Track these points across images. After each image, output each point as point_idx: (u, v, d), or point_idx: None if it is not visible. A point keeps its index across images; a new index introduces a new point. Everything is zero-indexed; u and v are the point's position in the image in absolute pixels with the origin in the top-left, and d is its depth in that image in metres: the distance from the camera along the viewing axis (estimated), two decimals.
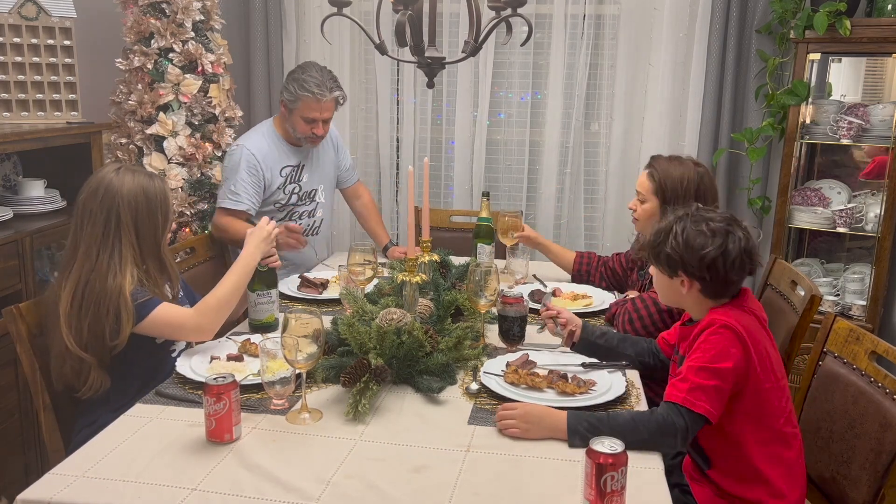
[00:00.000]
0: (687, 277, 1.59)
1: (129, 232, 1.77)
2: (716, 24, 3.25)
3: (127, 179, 1.79)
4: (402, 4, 1.77)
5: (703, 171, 2.14)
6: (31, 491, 1.27)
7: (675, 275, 1.61)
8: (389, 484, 1.31)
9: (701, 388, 1.48)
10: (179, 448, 1.41)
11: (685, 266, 1.58)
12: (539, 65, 3.53)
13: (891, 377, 1.61)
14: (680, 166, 2.13)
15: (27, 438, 2.43)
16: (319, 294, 2.35)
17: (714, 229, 1.56)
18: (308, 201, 2.81)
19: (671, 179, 2.10)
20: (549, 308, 1.91)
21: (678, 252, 1.57)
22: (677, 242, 1.57)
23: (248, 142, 2.63)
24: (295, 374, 1.57)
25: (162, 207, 1.84)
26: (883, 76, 3.28)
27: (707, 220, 1.58)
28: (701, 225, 1.57)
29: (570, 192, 3.58)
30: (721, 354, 1.50)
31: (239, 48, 3.59)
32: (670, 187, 2.10)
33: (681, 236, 1.57)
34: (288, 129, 2.68)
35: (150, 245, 1.82)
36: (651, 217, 2.16)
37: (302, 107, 2.57)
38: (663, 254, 1.60)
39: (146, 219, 1.80)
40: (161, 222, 1.84)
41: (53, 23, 2.71)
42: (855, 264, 3.23)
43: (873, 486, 1.58)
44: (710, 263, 1.54)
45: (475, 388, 1.67)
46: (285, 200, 2.73)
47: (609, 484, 1.20)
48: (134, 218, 1.78)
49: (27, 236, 2.42)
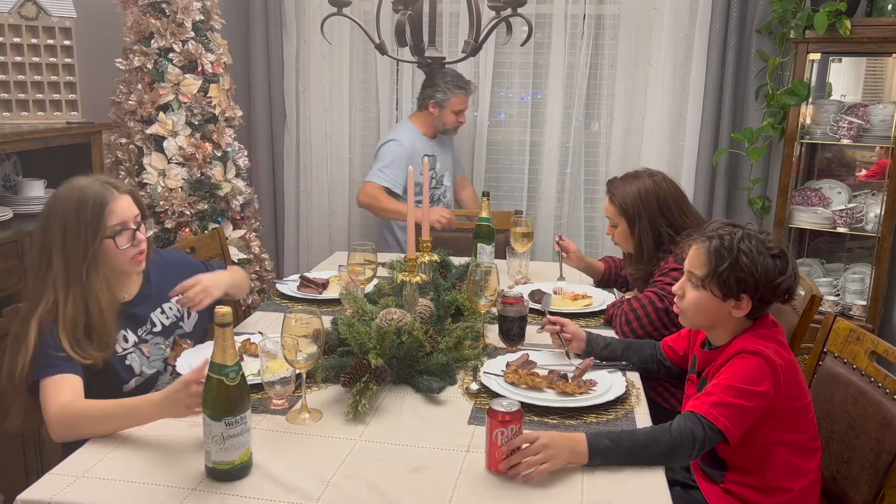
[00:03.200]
0: (749, 299, 1.54)
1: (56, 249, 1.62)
2: (716, 24, 3.25)
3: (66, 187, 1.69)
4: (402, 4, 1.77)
5: (660, 177, 2.18)
6: (31, 491, 1.27)
7: (735, 297, 1.54)
8: (389, 484, 1.31)
9: (725, 405, 1.46)
10: (179, 448, 1.41)
11: (756, 290, 1.53)
12: (539, 65, 3.53)
13: (891, 377, 1.61)
14: (635, 181, 2.18)
15: (27, 438, 2.43)
16: (319, 294, 2.35)
17: (780, 252, 1.54)
18: (439, 185, 3.37)
19: (629, 197, 2.16)
20: (555, 322, 1.90)
21: (754, 277, 1.51)
22: (753, 266, 1.51)
23: (399, 136, 3.26)
24: (295, 374, 1.57)
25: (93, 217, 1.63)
26: (883, 76, 3.28)
27: (767, 240, 1.55)
28: (765, 246, 1.53)
29: (571, 192, 3.58)
30: (751, 378, 1.48)
31: (239, 48, 3.59)
32: (630, 204, 2.15)
33: (756, 259, 1.51)
34: (436, 124, 3.29)
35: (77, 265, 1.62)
36: (628, 238, 2.20)
37: (454, 101, 3.23)
38: (732, 277, 1.52)
39: (75, 232, 1.63)
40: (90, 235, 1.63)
41: (53, 23, 2.71)
42: (855, 264, 3.23)
43: (873, 486, 1.58)
44: (784, 290, 1.53)
45: (475, 388, 1.67)
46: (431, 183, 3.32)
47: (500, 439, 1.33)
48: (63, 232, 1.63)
49: (27, 236, 2.41)
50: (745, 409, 1.46)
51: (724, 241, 1.54)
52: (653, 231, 2.13)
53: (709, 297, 1.56)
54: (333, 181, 3.78)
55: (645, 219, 2.14)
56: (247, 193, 3.17)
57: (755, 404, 1.47)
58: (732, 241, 1.53)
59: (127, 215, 1.71)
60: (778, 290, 1.53)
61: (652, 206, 2.13)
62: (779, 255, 1.53)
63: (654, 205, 2.13)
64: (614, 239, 2.26)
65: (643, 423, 1.55)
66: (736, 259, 1.52)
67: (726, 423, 1.44)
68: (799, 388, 1.55)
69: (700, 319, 1.63)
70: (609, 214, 2.23)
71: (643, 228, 2.14)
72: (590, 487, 1.31)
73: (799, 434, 1.56)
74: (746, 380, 1.47)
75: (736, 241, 1.53)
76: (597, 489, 1.31)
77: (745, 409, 1.46)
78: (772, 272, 1.51)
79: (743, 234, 1.55)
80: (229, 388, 1.27)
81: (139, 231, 1.74)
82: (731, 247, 1.53)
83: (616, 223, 2.21)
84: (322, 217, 3.83)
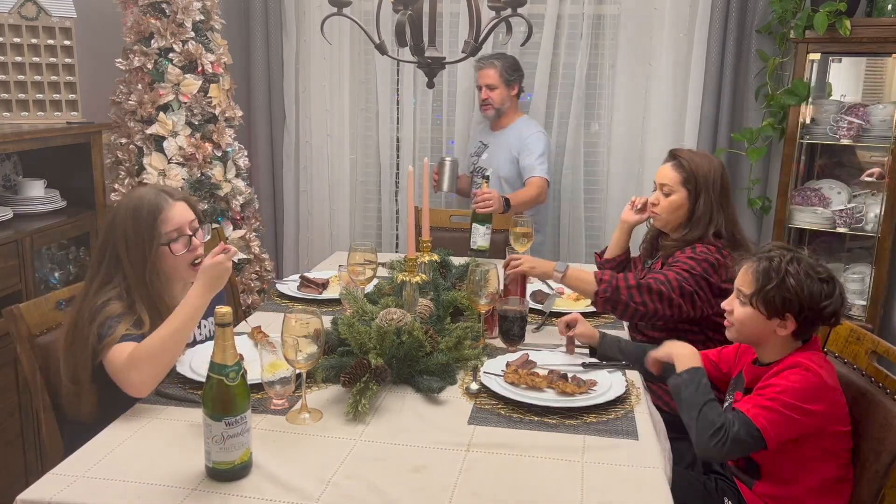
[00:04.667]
0: (794, 321, 1.58)
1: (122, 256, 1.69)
2: (716, 24, 3.25)
3: (126, 197, 1.75)
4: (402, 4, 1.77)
5: (721, 162, 2.16)
6: (31, 491, 1.27)
7: (780, 317, 1.58)
8: (389, 484, 1.31)
9: (771, 410, 1.51)
10: (179, 448, 1.41)
11: (801, 311, 1.56)
12: (539, 64, 3.52)
13: (891, 377, 1.61)
14: (705, 158, 2.14)
15: (27, 438, 2.43)
16: (319, 294, 2.35)
17: (829, 277, 1.58)
18: (479, 176, 3.30)
19: (700, 169, 2.09)
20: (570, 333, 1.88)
21: (799, 298, 1.55)
22: (799, 288, 1.55)
23: None
24: (295, 374, 1.57)
25: (147, 225, 1.71)
26: (883, 76, 3.28)
27: (816, 264, 1.59)
28: (814, 270, 1.57)
29: (571, 193, 3.58)
30: (805, 395, 1.52)
31: (239, 48, 3.59)
32: (701, 177, 2.08)
33: (802, 282, 1.55)
34: None
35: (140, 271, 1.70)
36: (677, 210, 2.12)
37: (476, 78, 3.28)
38: (778, 297, 1.56)
39: (134, 240, 1.70)
40: (147, 243, 1.71)
41: (53, 23, 2.71)
42: (855, 264, 3.23)
43: (873, 486, 1.58)
44: (830, 313, 1.56)
45: (475, 388, 1.67)
46: (469, 169, 3.43)
47: None
48: (125, 241, 1.70)
49: (27, 236, 2.42)
50: (791, 420, 1.51)
51: (773, 262, 1.59)
52: (710, 212, 2.08)
53: (755, 314, 1.60)
54: (333, 181, 3.78)
55: (712, 193, 2.08)
56: (247, 193, 3.17)
57: (804, 420, 1.51)
58: (781, 262, 1.58)
59: (181, 221, 1.76)
60: (823, 314, 1.57)
61: (717, 185, 2.09)
62: (826, 280, 1.57)
63: (719, 184, 2.09)
64: (658, 209, 2.16)
65: (643, 423, 1.55)
66: (782, 280, 1.56)
67: (765, 424, 1.49)
68: (844, 414, 1.59)
69: (746, 334, 1.66)
70: (668, 181, 2.13)
71: (707, 203, 2.08)
72: (590, 487, 1.31)
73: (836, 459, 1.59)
74: (799, 396, 1.51)
75: (784, 262, 1.58)
76: (597, 489, 1.31)
77: (792, 420, 1.51)
78: (817, 296, 1.55)
79: (792, 257, 1.59)
80: (229, 388, 1.27)
81: (195, 237, 1.79)
82: (778, 268, 1.57)
83: (672, 191, 2.12)
84: (322, 217, 3.83)
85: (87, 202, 2.83)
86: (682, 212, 2.13)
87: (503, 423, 1.54)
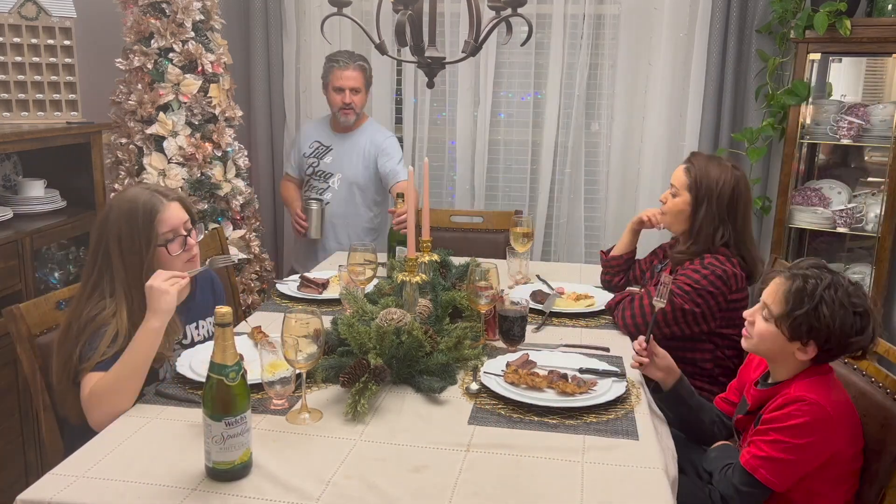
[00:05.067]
0: (816, 348, 1.51)
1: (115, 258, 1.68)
2: (716, 24, 3.25)
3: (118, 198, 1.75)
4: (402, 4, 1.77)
5: (741, 175, 2.12)
6: (31, 491, 1.27)
7: (802, 342, 1.51)
8: (389, 484, 1.31)
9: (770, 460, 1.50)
10: (179, 448, 1.41)
11: (827, 341, 1.49)
12: (539, 65, 3.53)
13: (891, 377, 1.61)
14: (718, 167, 2.11)
15: (27, 438, 2.43)
16: (319, 294, 2.35)
17: (865, 312, 1.48)
18: (322, 181, 3.17)
19: (708, 178, 2.08)
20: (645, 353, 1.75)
21: (829, 329, 1.47)
22: (832, 318, 1.47)
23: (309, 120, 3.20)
24: (295, 374, 1.57)
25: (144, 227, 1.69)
26: (883, 76, 3.28)
27: (855, 296, 1.49)
28: (850, 302, 1.48)
29: (571, 193, 3.58)
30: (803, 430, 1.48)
31: (239, 48, 3.59)
32: (705, 185, 2.08)
33: (836, 313, 1.46)
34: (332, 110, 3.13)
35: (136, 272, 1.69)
36: (679, 214, 2.13)
37: (332, 78, 3.04)
38: (806, 323, 1.48)
39: (129, 242, 1.69)
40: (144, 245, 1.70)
41: (53, 23, 2.71)
42: (855, 264, 3.23)
43: (874, 486, 1.58)
44: (857, 348, 1.50)
45: (475, 388, 1.67)
46: (307, 170, 3.20)
47: None
48: (118, 242, 1.69)
49: (27, 236, 2.42)
50: (795, 464, 1.49)
51: (809, 284, 1.49)
52: (713, 223, 2.07)
53: (777, 333, 1.54)
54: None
55: (714, 206, 2.06)
56: (247, 193, 3.17)
57: (808, 457, 1.49)
58: (817, 287, 1.49)
59: (177, 222, 1.76)
60: (850, 347, 1.50)
61: (724, 198, 2.05)
62: (861, 314, 1.48)
63: (725, 198, 2.06)
64: (664, 207, 2.17)
65: (643, 423, 1.55)
66: (815, 307, 1.48)
67: (767, 476, 1.50)
68: (852, 437, 1.55)
69: (762, 350, 1.62)
70: (677, 183, 2.14)
71: (708, 215, 2.06)
72: (590, 487, 1.31)
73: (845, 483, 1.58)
74: (800, 433, 1.48)
75: (821, 288, 1.48)
76: (597, 489, 1.31)
77: (796, 463, 1.49)
78: (848, 329, 1.48)
79: (831, 282, 1.49)
80: (229, 388, 1.27)
81: (190, 237, 1.79)
82: (813, 293, 1.48)
83: (678, 193, 2.12)
84: None
85: (87, 202, 2.83)
86: (684, 216, 2.13)
87: (503, 423, 1.54)
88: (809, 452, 1.49)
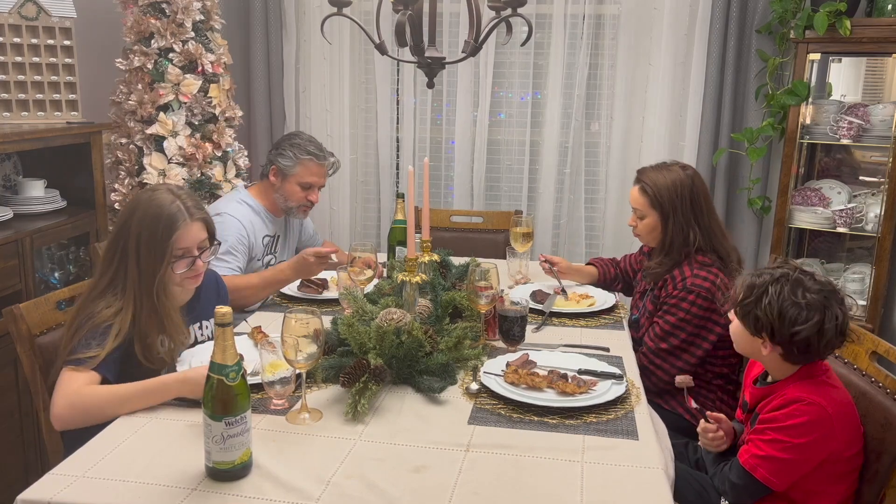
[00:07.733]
0: (770, 343, 1.54)
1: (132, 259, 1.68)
2: (716, 24, 3.25)
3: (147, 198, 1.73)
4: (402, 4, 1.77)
5: (692, 172, 2.13)
6: (31, 491, 1.27)
7: (758, 336, 1.56)
8: (389, 484, 1.31)
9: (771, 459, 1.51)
10: (179, 448, 1.41)
11: (773, 334, 1.52)
12: (539, 65, 3.52)
13: (891, 377, 1.61)
14: (668, 173, 2.11)
15: (27, 438, 2.43)
16: (319, 294, 2.35)
17: (811, 303, 1.48)
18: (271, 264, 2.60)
19: (665, 190, 2.08)
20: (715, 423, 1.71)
21: (769, 319, 1.51)
22: (770, 308, 1.50)
23: (234, 211, 2.45)
24: (295, 374, 1.57)
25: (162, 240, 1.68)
26: (883, 76, 3.28)
27: (805, 288, 1.50)
28: (797, 293, 1.49)
29: (570, 192, 3.58)
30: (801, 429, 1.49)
31: (239, 48, 3.59)
32: (666, 198, 2.08)
33: (776, 303, 1.50)
34: (277, 199, 2.55)
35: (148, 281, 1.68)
36: (653, 231, 2.14)
37: (301, 171, 2.49)
38: (752, 314, 1.54)
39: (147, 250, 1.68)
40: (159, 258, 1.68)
41: (53, 23, 2.71)
42: (855, 264, 3.23)
43: (874, 486, 1.58)
44: (801, 340, 1.49)
45: (475, 388, 1.67)
46: (263, 265, 2.56)
47: None
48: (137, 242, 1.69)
49: (27, 236, 2.42)
50: (793, 464, 1.50)
51: (761, 278, 1.55)
52: (683, 231, 2.07)
53: (741, 328, 1.59)
54: (333, 181, 3.77)
55: (680, 214, 2.07)
56: None
57: (807, 456, 1.50)
58: (767, 280, 1.53)
59: (191, 243, 1.75)
60: (794, 339, 1.50)
61: (686, 202, 2.06)
62: (806, 307, 1.48)
63: (687, 201, 2.06)
64: (637, 231, 2.19)
65: (643, 423, 1.55)
66: (758, 298, 1.52)
67: (766, 475, 1.50)
68: (852, 438, 1.56)
69: (741, 347, 1.65)
70: (637, 205, 2.15)
71: (677, 224, 2.07)
72: (590, 487, 1.31)
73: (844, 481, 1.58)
74: (798, 433, 1.49)
75: (769, 281, 1.53)
76: (597, 489, 1.31)
77: (795, 463, 1.50)
78: (790, 320, 1.49)
79: (781, 276, 1.53)
80: (229, 388, 1.27)
81: (200, 258, 1.77)
82: (761, 285, 1.53)
83: (644, 215, 2.13)
84: (322, 217, 3.83)
85: (87, 202, 2.83)
86: (657, 232, 2.15)
87: (503, 423, 1.54)
88: (809, 452, 1.49)
